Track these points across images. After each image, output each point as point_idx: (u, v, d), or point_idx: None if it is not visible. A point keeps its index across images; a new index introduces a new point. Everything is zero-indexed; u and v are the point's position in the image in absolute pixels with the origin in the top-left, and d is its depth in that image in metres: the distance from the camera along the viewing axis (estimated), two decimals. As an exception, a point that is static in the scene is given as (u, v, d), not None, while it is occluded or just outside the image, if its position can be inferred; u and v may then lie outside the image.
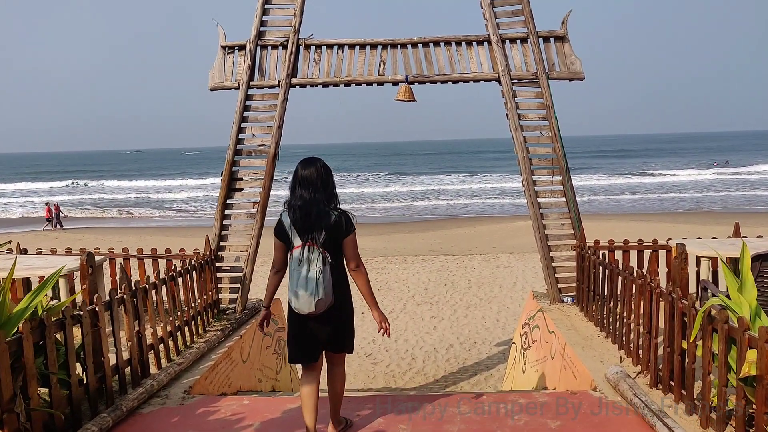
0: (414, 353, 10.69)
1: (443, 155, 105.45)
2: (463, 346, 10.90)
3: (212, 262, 6.57)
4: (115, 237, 25.17)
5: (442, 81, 7.01)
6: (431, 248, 20.20)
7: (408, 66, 7.01)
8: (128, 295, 4.50)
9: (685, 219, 26.84)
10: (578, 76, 6.91)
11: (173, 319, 5.33)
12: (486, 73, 6.99)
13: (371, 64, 7.02)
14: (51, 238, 25.19)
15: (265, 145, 6.95)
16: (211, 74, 7.00)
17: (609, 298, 5.45)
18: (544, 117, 6.93)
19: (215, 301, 6.60)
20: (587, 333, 5.75)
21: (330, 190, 3.66)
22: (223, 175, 6.88)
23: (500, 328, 11.68)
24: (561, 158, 6.86)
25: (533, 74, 6.94)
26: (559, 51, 6.95)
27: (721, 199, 35.53)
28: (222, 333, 5.93)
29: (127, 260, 6.75)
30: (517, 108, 6.92)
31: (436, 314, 12.67)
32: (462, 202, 37.02)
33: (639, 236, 7.45)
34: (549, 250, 6.90)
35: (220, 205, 6.90)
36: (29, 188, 55.18)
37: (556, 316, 6.38)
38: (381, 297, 13.72)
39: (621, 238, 6.94)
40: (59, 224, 29.69)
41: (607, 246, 6.74)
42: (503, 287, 14.45)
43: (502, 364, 9.82)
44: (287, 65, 6.93)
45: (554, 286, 6.89)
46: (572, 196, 6.87)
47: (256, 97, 7.04)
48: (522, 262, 17.10)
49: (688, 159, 71.86)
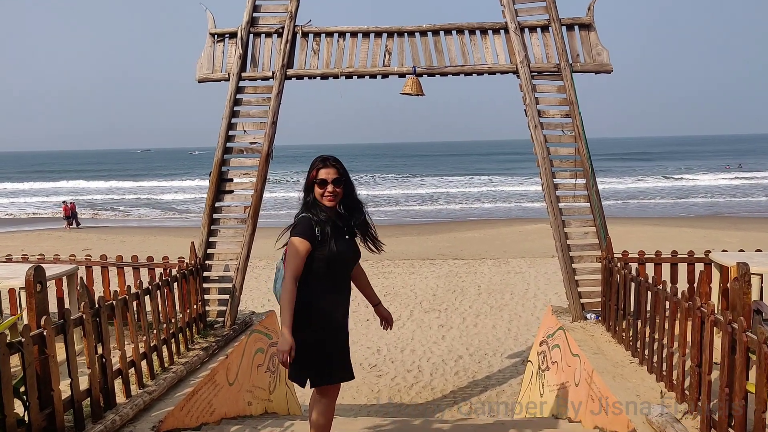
0: (421, 365, 10.10)
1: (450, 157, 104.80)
2: (472, 357, 10.32)
3: (198, 271, 5.94)
4: (118, 237, 25.03)
5: (453, 73, 6.34)
6: (439, 252, 19.65)
7: (416, 56, 6.35)
8: (88, 314, 3.86)
9: (701, 224, 26.19)
10: (605, 68, 6.23)
11: (148, 339, 4.69)
12: (503, 65, 6.32)
13: (375, 53, 6.36)
14: (54, 237, 25.08)
15: (258, 142, 6.31)
16: (198, 64, 6.36)
17: (643, 319, 4.77)
18: (566, 113, 6.25)
19: (201, 314, 5.96)
20: (617, 358, 5.07)
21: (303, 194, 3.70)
22: (211, 176, 6.25)
23: (512, 339, 11.10)
24: (585, 159, 6.18)
25: (555, 66, 6.26)
26: (584, 40, 6.27)
27: (738, 203, 34.73)
28: (205, 352, 5.29)
29: (105, 269, 6.13)
30: (536, 103, 6.25)
31: (445, 322, 12.12)
32: (471, 205, 36.40)
33: (655, 241, 6.81)
34: (571, 262, 6.23)
35: (207, 208, 6.26)
36: (35, 188, 54.92)
37: (579, 336, 5.70)
38: (387, 303, 13.22)
39: (635, 243, 6.31)
40: (76, 222, 29.77)
41: (636, 258, 6.06)
42: (515, 294, 13.91)
43: (514, 379, 9.24)
44: (282, 55, 6.28)
45: (576, 301, 6.22)
46: (597, 202, 6.20)
47: (248, 90, 6.40)
48: (534, 267, 16.57)
49: (701, 162, 70.83)
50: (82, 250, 21.11)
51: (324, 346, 3.58)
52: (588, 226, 6.28)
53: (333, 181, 3.57)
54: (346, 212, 3.72)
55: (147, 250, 20.69)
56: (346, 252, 3.63)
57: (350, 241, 3.69)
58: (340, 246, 3.58)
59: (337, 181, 3.59)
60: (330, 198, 3.58)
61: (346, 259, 3.65)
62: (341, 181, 3.62)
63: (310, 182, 3.62)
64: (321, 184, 3.56)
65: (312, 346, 3.51)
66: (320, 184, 3.56)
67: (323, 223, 3.57)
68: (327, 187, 3.56)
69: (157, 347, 4.85)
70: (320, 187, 3.58)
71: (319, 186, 3.58)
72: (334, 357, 3.63)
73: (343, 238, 3.63)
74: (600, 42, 6.23)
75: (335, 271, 3.60)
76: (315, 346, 3.53)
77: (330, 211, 3.64)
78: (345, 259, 3.63)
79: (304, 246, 3.51)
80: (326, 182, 3.56)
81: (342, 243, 3.60)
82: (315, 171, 3.60)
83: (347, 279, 3.75)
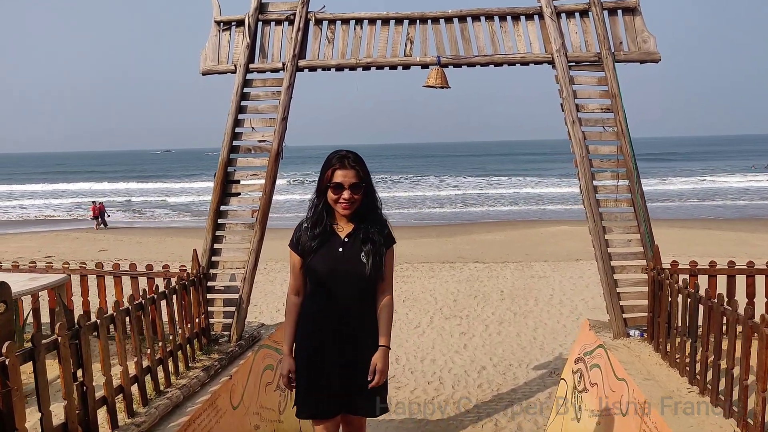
0: (442, 376, 9.56)
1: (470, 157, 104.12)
2: (496, 368, 9.76)
3: (201, 281, 5.41)
4: (135, 238, 25.11)
5: (482, 63, 5.74)
6: (460, 254, 19.13)
7: (440, 45, 5.75)
8: (65, 337, 3.33)
9: (730, 226, 25.42)
10: (652, 56, 5.59)
11: (140, 360, 4.17)
12: (537, 54, 5.70)
13: (396, 42, 5.78)
14: (71, 238, 25.20)
15: (267, 140, 5.75)
16: (203, 55, 5.82)
17: (705, 343, 4.14)
18: (608, 108, 5.63)
19: (204, 328, 5.44)
20: (671, 385, 4.44)
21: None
22: (215, 177, 5.72)
23: (537, 348, 10.54)
24: (629, 159, 5.55)
25: (595, 55, 5.63)
26: (628, 26, 5.64)
27: (765, 206, 33.70)
28: (206, 373, 4.75)
29: (101, 278, 5.63)
30: (574, 97, 5.63)
31: (467, 330, 11.59)
32: (490, 208, 35.77)
33: (682, 244, 6.18)
34: (612, 272, 5.61)
35: (212, 212, 5.72)
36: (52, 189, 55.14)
37: (624, 357, 5.08)
38: (406, 309, 12.79)
39: (662, 246, 5.66)
40: (103, 223, 29.97)
41: (687, 269, 5.42)
42: (539, 300, 13.37)
43: (541, 392, 8.68)
44: (294, 44, 5.72)
45: (618, 316, 5.60)
46: (642, 206, 5.57)
47: (256, 83, 5.84)
48: (558, 271, 16.02)
49: (725, 163, 69.35)
50: (98, 251, 20.98)
51: (320, 371, 3.08)
52: (631, 233, 5.65)
53: (351, 187, 2.99)
54: (360, 221, 3.13)
55: (163, 251, 20.48)
56: (336, 267, 3.05)
57: (349, 255, 3.08)
58: (327, 261, 3.03)
59: (356, 186, 3.00)
60: (345, 206, 3.01)
61: (332, 275, 3.06)
62: (360, 186, 3.02)
63: (323, 185, 3.04)
64: (336, 188, 2.99)
65: (309, 369, 3.06)
66: (335, 188, 2.99)
67: (310, 229, 3.04)
68: (343, 193, 2.98)
69: (151, 368, 4.32)
70: (335, 192, 3.00)
71: (334, 191, 3.00)
72: (332, 385, 3.12)
73: (335, 251, 3.06)
74: (646, 27, 5.59)
75: (328, 289, 3.06)
76: (311, 368, 3.07)
77: (342, 220, 3.10)
78: (331, 276, 3.06)
79: (293, 257, 3.10)
80: (342, 187, 2.98)
81: (332, 257, 3.05)
82: (330, 172, 3.01)
83: (354, 296, 3.12)
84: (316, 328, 3.11)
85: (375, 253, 3.06)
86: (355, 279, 3.07)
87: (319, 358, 3.11)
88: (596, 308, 12.27)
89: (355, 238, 3.09)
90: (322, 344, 3.10)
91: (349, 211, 3.04)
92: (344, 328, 3.09)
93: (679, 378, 4.53)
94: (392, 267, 3.20)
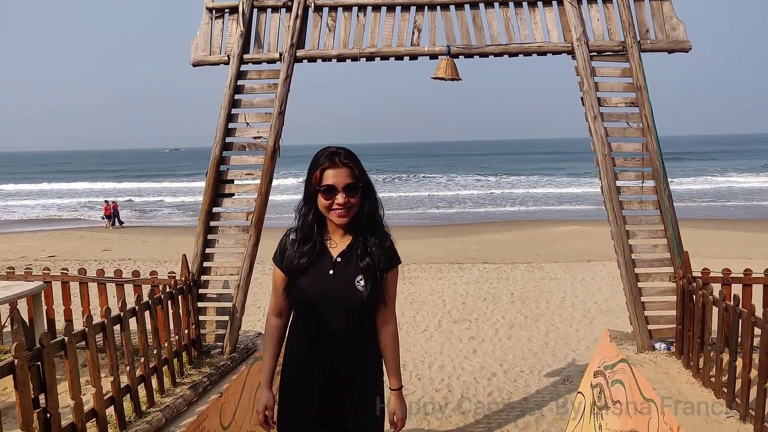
0: (451, 383, 9.18)
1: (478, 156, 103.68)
2: (507, 375, 9.37)
3: (190, 289, 5.01)
4: (140, 237, 25.00)
5: (495, 53, 5.29)
6: (468, 255, 18.74)
7: (450, 34, 5.31)
8: (23, 359, 2.93)
9: (744, 226, 24.95)
10: (681, 45, 5.12)
11: (117, 379, 3.76)
12: (555, 43, 5.25)
13: (402, 31, 5.34)
14: (76, 237, 25.15)
15: (263, 137, 5.33)
16: (194, 45, 5.40)
17: (746, 362, 3.70)
18: (632, 102, 5.17)
19: (195, 339, 5.04)
20: (706, 409, 4.00)
21: None
22: (207, 177, 5.31)
23: (549, 354, 10.16)
24: (655, 157, 5.10)
25: (619, 44, 5.17)
26: (655, 12, 5.17)
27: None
28: (193, 392, 4.34)
29: (84, 284, 5.23)
30: (596, 90, 5.17)
31: (476, 334, 11.22)
32: (499, 208, 35.32)
33: (697, 245, 5.71)
34: (636, 280, 5.16)
35: (203, 214, 5.31)
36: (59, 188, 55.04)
37: (651, 374, 4.64)
38: (414, 312, 12.45)
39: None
40: (118, 222, 29.91)
41: (720, 277, 4.96)
42: (550, 303, 12.98)
43: (554, 401, 8.29)
44: (292, 33, 5.29)
45: (643, 327, 5.15)
46: (670, 209, 5.12)
47: (251, 75, 5.41)
48: (569, 273, 15.65)
49: (736, 162, 68.47)
50: (102, 251, 20.75)
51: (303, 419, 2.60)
52: (657, 238, 5.20)
53: (345, 189, 2.48)
54: (358, 234, 2.59)
55: (167, 250, 20.20)
56: (324, 294, 2.54)
57: (342, 279, 2.56)
58: (315, 285, 2.53)
59: (351, 188, 2.49)
60: (341, 213, 2.50)
61: (320, 304, 2.55)
62: (357, 187, 2.51)
63: (312, 190, 2.51)
64: (327, 192, 2.48)
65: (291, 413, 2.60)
66: (326, 192, 2.48)
67: (298, 244, 2.54)
68: (336, 196, 2.48)
69: (130, 388, 3.92)
70: (326, 197, 2.49)
71: (325, 195, 2.49)
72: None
73: (324, 274, 2.56)
74: (675, 14, 5.13)
75: (315, 320, 2.56)
76: (293, 414, 2.60)
77: (337, 233, 2.59)
78: (319, 304, 2.55)
79: (276, 273, 2.63)
80: (335, 190, 2.47)
81: (320, 281, 2.54)
82: (319, 173, 2.49)
83: (346, 329, 2.60)
84: (300, 371, 2.61)
85: (374, 276, 2.53)
86: (348, 308, 2.54)
87: (303, 405, 2.62)
88: (609, 312, 11.87)
89: (350, 258, 2.56)
90: (308, 390, 2.59)
91: (346, 219, 2.51)
92: (335, 375, 2.58)
93: (715, 400, 4.09)
94: (395, 290, 2.68)
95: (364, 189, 2.54)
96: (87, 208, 39.30)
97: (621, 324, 10.89)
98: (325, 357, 2.56)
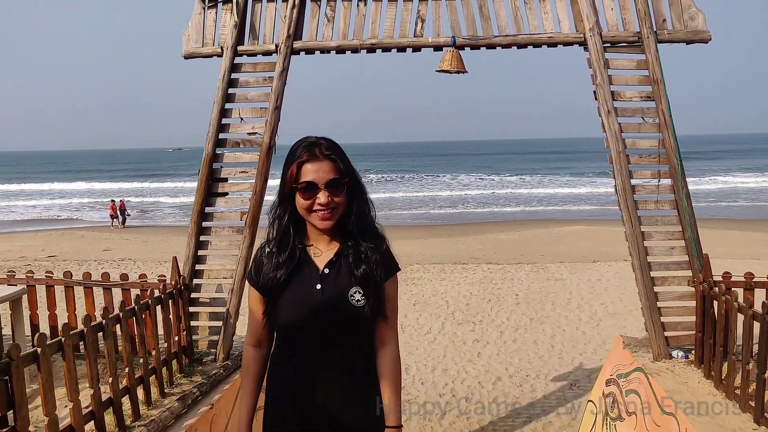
0: (454, 388, 8.90)
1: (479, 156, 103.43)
2: (512, 379, 9.09)
3: (181, 293, 4.75)
4: (140, 237, 24.83)
5: (503, 45, 5.01)
6: (472, 255, 18.47)
7: (456, 24, 5.04)
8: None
9: (750, 226, 24.66)
10: (700, 36, 4.84)
11: (97, 392, 3.50)
12: (566, 34, 4.96)
13: (405, 21, 5.07)
14: (77, 236, 25.00)
15: (258, 133, 5.06)
16: (185, 36, 5.13)
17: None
18: (648, 96, 4.89)
19: (186, 346, 4.78)
20: (731, 424, 3.72)
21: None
22: (199, 175, 5.04)
23: (556, 357, 9.87)
24: (673, 154, 4.82)
25: (635, 35, 4.89)
26: (673, 1, 4.88)
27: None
28: (181, 404, 4.08)
29: (69, 288, 4.97)
30: (610, 83, 4.90)
31: (480, 337, 10.94)
32: (502, 208, 35.05)
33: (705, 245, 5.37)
34: (653, 284, 4.88)
35: (195, 215, 5.04)
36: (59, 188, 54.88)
37: (669, 385, 4.36)
38: (417, 314, 12.18)
39: None
40: (123, 222, 29.76)
41: (742, 281, 4.68)
42: (556, 305, 12.70)
43: (561, 407, 8.01)
44: (288, 23, 5.02)
45: (659, 334, 4.87)
46: (688, 209, 4.84)
47: (245, 68, 5.14)
48: (574, 273, 15.36)
49: (740, 162, 68.03)
50: (103, 251, 20.54)
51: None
52: (675, 239, 4.92)
53: (329, 186, 2.04)
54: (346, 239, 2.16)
55: (168, 250, 19.98)
56: (312, 315, 2.09)
57: (333, 294, 2.11)
58: (299, 304, 2.09)
59: (336, 184, 2.05)
60: (325, 215, 2.07)
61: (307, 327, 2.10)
62: (342, 184, 2.07)
63: (287, 188, 2.09)
64: (307, 190, 2.04)
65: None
66: (305, 190, 2.04)
67: (275, 256, 2.12)
68: (317, 195, 2.05)
69: (113, 400, 3.66)
70: (305, 196, 2.05)
71: (304, 194, 2.05)
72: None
73: (311, 289, 2.12)
74: (694, 2, 4.84)
75: (301, 347, 2.12)
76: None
77: (321, 239, 2.17)
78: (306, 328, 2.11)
79: (253, 294, 2.18)
80: (315, 187, 2.04)
81: (306, 298, 2.10)
82: (296, 167, 2.05)
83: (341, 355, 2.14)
84: (286, 408, 2.15)
85: (373, 286, 2.10)
86: (343, 329, 2.10)
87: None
88: (616, 314, 11.59)
89: (340, 267, 2.12)
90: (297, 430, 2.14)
91: (330, 222, 2.08)
92: (329, 411, 2.12)
93: (740, 414, 3.81)
94: (396, 302, 2.24)
95: (351, 185, 2.10)
96: (88, 207, 39.18)
97: (629, 326, 10.63)
98: (317, 389, 2.12)
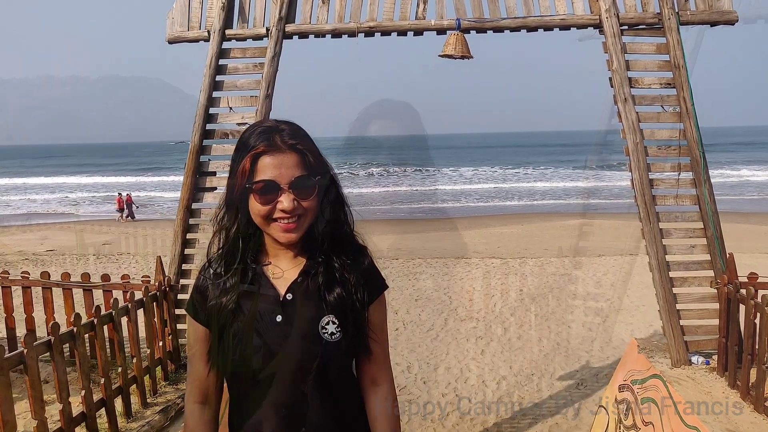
0: (457, 387, 8.56)
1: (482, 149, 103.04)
2: (517, 378, 8.75)
3: (167, 295, 4.43)
4: (140, 231, 24.35)
5: (511, 28, 4.67)
6: (475, 249, 18.12)
7: (460, 6, 4.70)
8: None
9: (759, 220, 24.25)
10: (726, 17, 4.49)
11: (66, 408, 3.18)
12: (580, 16, 4.62)
13: (405, 2, 4.72)
14: (77, 230, 24.67)
15: (248, 123, 4.73)
16: (169, 19, 4.79)
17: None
18: (669, 82, 4.55)
19: (170, 352, 4.47)
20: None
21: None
22: (186, 168, 4.71)
23: (561, 355, 9.53)
24: (695, 146, 4.48)
25: (655, 16, 4.54)
26: (696, -22, 4.55)
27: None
28: (163, 416, 3.76)
29: (47, 290, 4.65)
30: (627, 69, 4.55)
31: (484, 334, 10.59)
32: (506, 199, 34.70)
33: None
34: (671, 285, 4.55)
35: (181, 211, 4.73)
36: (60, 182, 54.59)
37: (690, 394, 4.06)
38: (419, 310, 11.83)
39: None
40: (131, 215, 29.31)
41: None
42: (561, 300, 12.36)
43: (567, 408, 7.69)
44: (280, 5, 4.68)
45: (678, 338, 4.55)
46: (711, 205, 4.51)
47: (234, 53, 4.80)
48: (579, 268, 15.00)
49: (747, 155, 67.52)
50: (102, 245, 20.26)
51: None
52: (695, 237, 4.59)
53: (294, 185, 1.42)
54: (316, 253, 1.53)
55: (170, 245, 19.65)
56: (272, 357, 1.47)
57: (299, 327, 1.49)
58: (258, 337, 1.47)
59: (303, 184, 1.44)
60: (289, 225, 1.45)
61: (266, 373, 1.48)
62: (312, 183, 1.45)
63: (238, 188, 1.45)
64: (264, 192, 1.42)
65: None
66: (262, 192, 1.42)
67: (222, 278, 1.49)
68: (279, 199, 1.42)
69: (86, 414, 3.34)
70: (263, 200, 1.43)
71: (261, 198, 1.43)
72: None
73: (270, 322, 1.48)
74: (719, -20, 4.50)
75: (263, 391, 1.49)
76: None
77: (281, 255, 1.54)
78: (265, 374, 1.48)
79: (194, 335, 1.54)
80: (276, 188, 1.42)
81: (263, 335, 1.47)
82: (249, 161, 1.42)
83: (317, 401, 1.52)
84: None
85: (351, 313, 1.53)
86: (313, 372, 1.49)
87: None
88: (623, 310, 11.29)
89: (306, 291, 1.52)
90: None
91: (296, 234, 1.47)
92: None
93: None
94: (386, 329, 1.67)
95: (323, 184, 1.50)
96: (87, 201, 38.89)
97: (636, 323, 10.29)
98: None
